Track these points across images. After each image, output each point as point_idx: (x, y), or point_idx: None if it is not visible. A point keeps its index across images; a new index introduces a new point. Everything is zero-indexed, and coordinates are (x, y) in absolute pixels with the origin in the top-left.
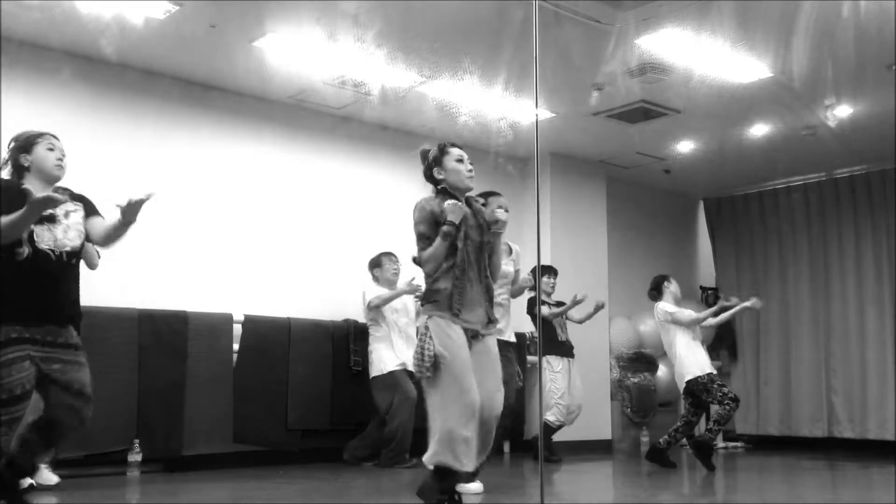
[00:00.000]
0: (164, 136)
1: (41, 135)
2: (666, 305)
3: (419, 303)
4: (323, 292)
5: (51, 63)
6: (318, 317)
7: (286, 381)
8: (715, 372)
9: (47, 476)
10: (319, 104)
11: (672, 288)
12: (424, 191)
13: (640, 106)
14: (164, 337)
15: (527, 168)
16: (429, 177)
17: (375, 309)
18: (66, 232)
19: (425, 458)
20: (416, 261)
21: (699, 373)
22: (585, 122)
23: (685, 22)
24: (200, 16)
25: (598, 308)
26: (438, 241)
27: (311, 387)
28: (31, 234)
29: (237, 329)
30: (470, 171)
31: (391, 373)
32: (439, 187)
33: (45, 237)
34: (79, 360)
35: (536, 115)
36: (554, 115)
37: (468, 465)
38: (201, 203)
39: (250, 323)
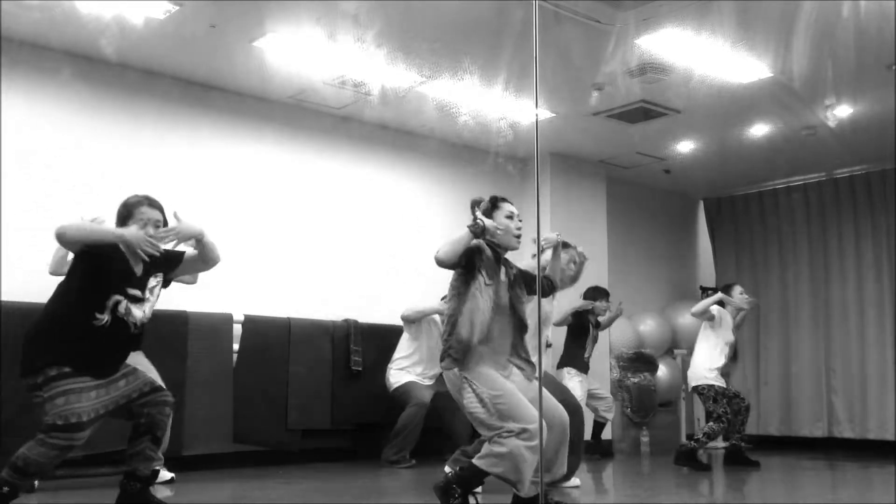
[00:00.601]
0: (164, 136)
1: (137, 205)
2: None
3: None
4: (323, 292)
5: (51, 63)
6: (318, 317)
7: (286, 381)
8: (721, 385)
9: (163, 474)
10: (319, 104)
11: (735, 300)
12: (425, 191)
13: (640, 106)
14: (164, 337)
15: (527, 168)
16: None
17: (409, 322)
18: (151, 307)
19: (478, 461)
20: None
21: (700, 382)
22: (585, 122)
23: (685, 22)
24: (200, 16)
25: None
26: (463, 232)
27: (311, 387)
28: (115, 304)
29: (237, 329)
30: (519, 229)
31: (405, 384)
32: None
33: (134, 313)
34: (132, 370)
35: (536, 115)
36: (554, 115)
37: (524, 487)
38: (201, 203)
39: (250, 323)
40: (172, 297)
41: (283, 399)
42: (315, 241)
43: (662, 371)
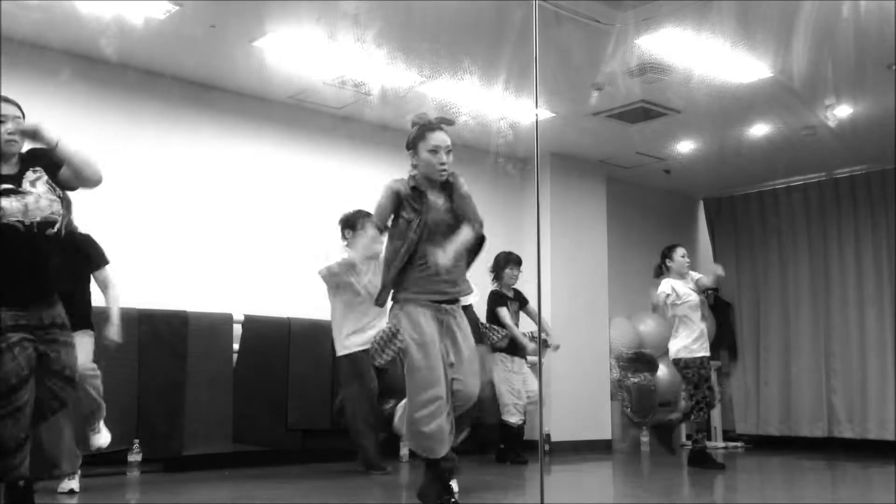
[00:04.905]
0: (164, 136)
1: None
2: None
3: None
4: (322, 292)
5: (51, 63)
6: (318, 317)
7: (286, 381)
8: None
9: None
10: (319, 104)
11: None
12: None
13: (640, 106)
14: (164, 337)
15: (527, 168)
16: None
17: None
18: (37, 201)
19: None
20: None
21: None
22: (585, 122)
23: (685, 22)
24: (200, 16)
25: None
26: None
27: (311, 387)
28: None
29: (237, 329)
30: (443, 164)
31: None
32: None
33: (13, 209)
34: (68, 341)
35: (536, 115)
36: (554, 115)
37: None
38: (201, 203)
39: (250, 323)
40: (173, 298)
41: (283, 399)
42: (315, 240)
43: (662, 371)
